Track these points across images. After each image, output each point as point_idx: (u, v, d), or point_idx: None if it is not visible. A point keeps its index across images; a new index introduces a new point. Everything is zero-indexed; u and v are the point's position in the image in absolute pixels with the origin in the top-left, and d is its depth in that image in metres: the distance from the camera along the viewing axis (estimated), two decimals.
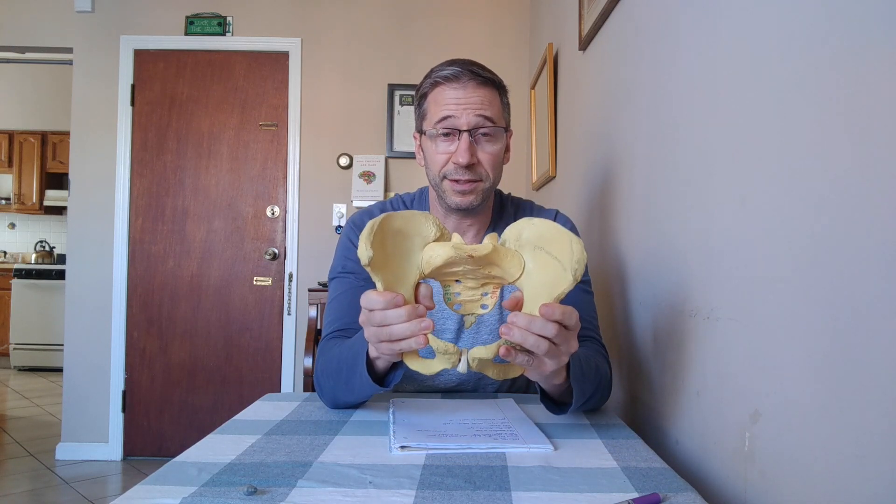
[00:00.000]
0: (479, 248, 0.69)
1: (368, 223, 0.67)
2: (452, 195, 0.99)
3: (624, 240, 1.22)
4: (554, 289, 0.67)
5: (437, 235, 0.72)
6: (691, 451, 0.84)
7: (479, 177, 0.98)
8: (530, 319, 0.66)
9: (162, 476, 0.63)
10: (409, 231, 0.71)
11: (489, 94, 0.97)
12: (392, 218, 0.70)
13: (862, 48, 0.50)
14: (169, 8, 3.04)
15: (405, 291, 0.70)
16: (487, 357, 0.68)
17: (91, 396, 2.99)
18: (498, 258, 0.70)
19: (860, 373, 0.50)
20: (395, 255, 0.70)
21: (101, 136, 3.02)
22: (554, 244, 0.68)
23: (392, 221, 0.70)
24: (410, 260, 0.71)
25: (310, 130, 3.06)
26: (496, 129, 0.97)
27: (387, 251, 0.69)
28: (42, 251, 5.80)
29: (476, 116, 0.95)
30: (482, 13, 3.07)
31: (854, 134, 0.51)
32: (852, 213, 0.51)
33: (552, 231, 0.69)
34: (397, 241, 0.70)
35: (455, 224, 1.05)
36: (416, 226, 0.71)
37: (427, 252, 0.70)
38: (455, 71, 0.96)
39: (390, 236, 0.69)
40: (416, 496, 0.59)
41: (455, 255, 0.68)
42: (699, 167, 0.84)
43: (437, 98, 0.97)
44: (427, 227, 0.71)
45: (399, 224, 0.70)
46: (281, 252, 3.06)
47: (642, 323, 1.08)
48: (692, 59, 0.87)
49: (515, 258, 0.71)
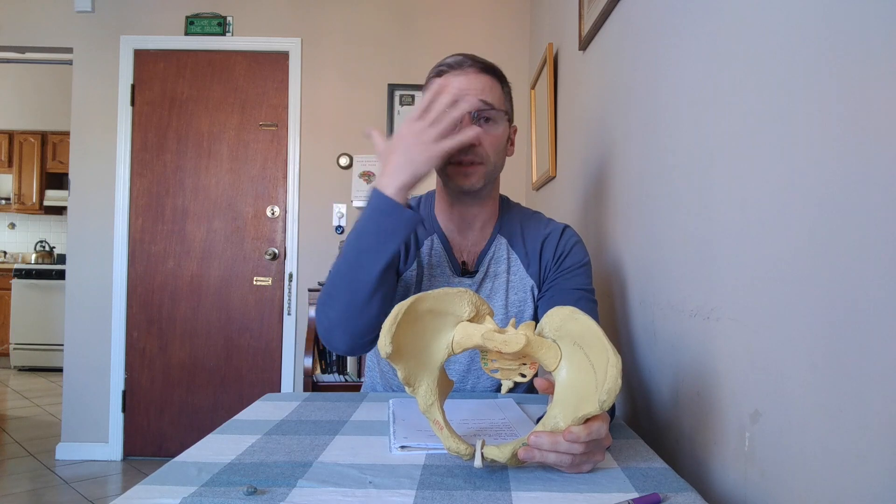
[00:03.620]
0: (510, 341, 0.65)
1: (393, 310, 0.65)
2: (456, 178, 1.01)
3: (624, 239, 1.21)
4: (581, 404, 0.63)
5: (472, 315, 0.69)
6: (691, 451, 0.84)
7: (480, 158, 1.00)
8: (554, 442, 0.62)
9: (162, 476, 0.63)
10: (441, 310, 0.68)
11: (490, 82, 1.01)
12: (422, 300, 0.67)
13: (862, 48, 0.50)
14: (169, 8, 3.04)
15: (429, 373, 0.67)
16: (501, 460, 0.64)
17: (91, 396, 2.99)
18: (532, 350, 0.66)
19: (860, 373, 0.50)
20: (424, 333, 0.68)
21: (101, 136, 3.02)
22: (594, 350, 0.64)
23: (422, 303, 0.67)
24: (440, 338, 0.68)
25: (310, 130, 3.06)
26: (497, 112, 1.01)
27: (415, 331, 0.67)
28: (42, 251, 5.81)
29: (478, 100, 0.99)
30: (482, 13, 3.07)
31: (854, 134, 0.51)
32: (852, 213, 0.51)
33: (595, 337, 0.65)
34: (427, 320, 0.68)
35: (461, 212, 1.06)
36: (449, 304, 0.69)
37: (458, 333, 0.68)
38: (458, 59, 1.01)
39: (419, 317, 0.67)
40: (416, 496, 0.59)
41: (484, 344, 0.66)
42: (699, 167, 0.84)
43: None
44: (461, 307, 0.69)
45: (430, 304, 0.68)
46: (281, 252, 3.06)
47: (642, 323, 1.08)
48: (692, 59, 0.87)
49: (552, 350, 0.67)
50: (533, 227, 1.10)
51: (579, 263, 1.06)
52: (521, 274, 1.07)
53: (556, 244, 1.07)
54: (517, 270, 1.07)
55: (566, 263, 1.06)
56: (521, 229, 1.09)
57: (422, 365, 0.67)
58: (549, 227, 1.10)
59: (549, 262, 1.07)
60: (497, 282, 1.07)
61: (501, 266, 1.07)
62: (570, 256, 1.06)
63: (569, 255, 1.06)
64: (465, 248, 1.08)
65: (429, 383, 0.67)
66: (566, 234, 1.09)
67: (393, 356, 0.64)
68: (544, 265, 1.07)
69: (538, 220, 1.12)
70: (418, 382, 0.67)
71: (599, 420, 0.64)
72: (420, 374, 0.67)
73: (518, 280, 1.07)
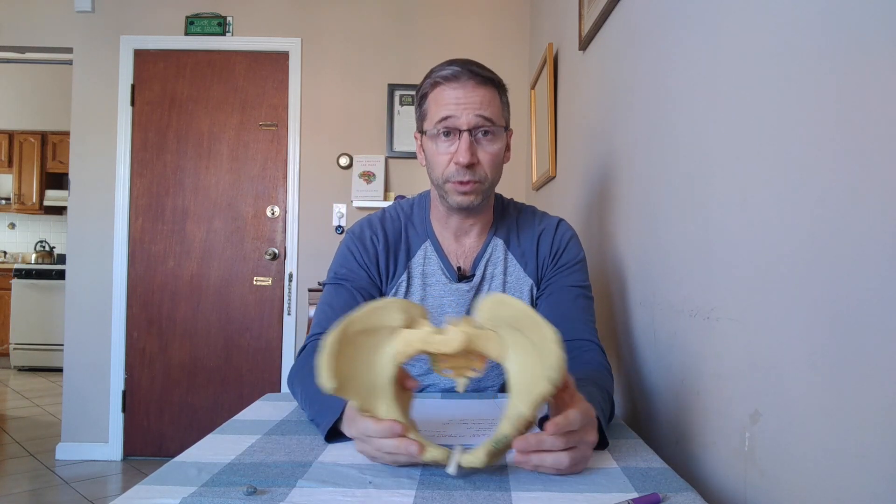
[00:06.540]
0: (449, 341, 0.64)
1: (327, 345, 0.63)
2: (454, 195, 1.00)
3: (624, 239, 1.22)
4: (534, 386, 0.61)
5: (406, 321, 0.67)
6: (691, 451, 0.84)
7: (479, 178, 0.98)
8: (538, 441, 0.62)
9: (162, 476, 0.63)
10: (373, 326, 0.66)
11: (489, 94, 0.98)
12: (351, 323, 0.65)
13: (862, 48, 0.50)
14: (169, 8, 3.04)
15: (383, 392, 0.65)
16: (477, 465, 0.63)
17: (91, 396, 2.99)
18: (474, 344, 0.65)
19: (860, 373, 0.50)
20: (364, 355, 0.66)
21: (101, 136, 3.02)
22: (531, 330, 0.63)
23: (352, 326, 0.65)
24: (381, 355, 0.66)
25: (310, 130, 3.06)
26: (496, 128, 0.98)
27: (355, 357, 0.65)
28: (42, 251, 5.81)
29: (476, 116, 0.96)
30: (482, 13, 3.07)
31: (854, 134, 0.51)
32: (852, 213, 0.51)
33: (527, 316, 0.64)
34: (362, 341, 0.66)
35: (457, 224, 1.06)
36: (379, 318, 0.66)
37: (399, 343, 0.66)
38: (455, 70, 0.97)
39: (354, 342, 0.65)
40: (415, 496, 0.59)
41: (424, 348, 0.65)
42: (699, 167, 0.84)
43: (438, 98, 0.98)
44: (392, 317, 0.67)
45: (360, 325, 0.66)
46: (281, 252, 3.06)
47: (642, 323, 1.08)
48: (692, 58, 0.87)
49: (493, 340, 0.66)
50: (527, 224, 1.10)
51: (575, 260, 1.07)
52: (518, 275, 1.07)
53: (551, 240, 1.07)
54: (514, 271, 1.07)
55: (563, 260, 1.06)
56: (517, 229, 1.09)
57: (372, 387, 0.66)
58: (544, 222, 1.10)
59: (546, 258, 1.07)
60: (493, 283, 1.07)
61: (498, 268, 1.07)
62: (567, 253, 1.07)
63: (565, 252, 1.06)
64: (461, 254, 1.08)
65: (387, 403, 0.66)
66: (561, 229, 1.09)
67: (339, 390, 0.63)
68: (542, 262, 1.07)
69: (532, 217, 1.11)
70: (375, 407, 0.65)
71: (573, 406, 0.64)
72: (374, 397, 0.66)
73: (515, 281, 1.07)
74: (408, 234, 1.08)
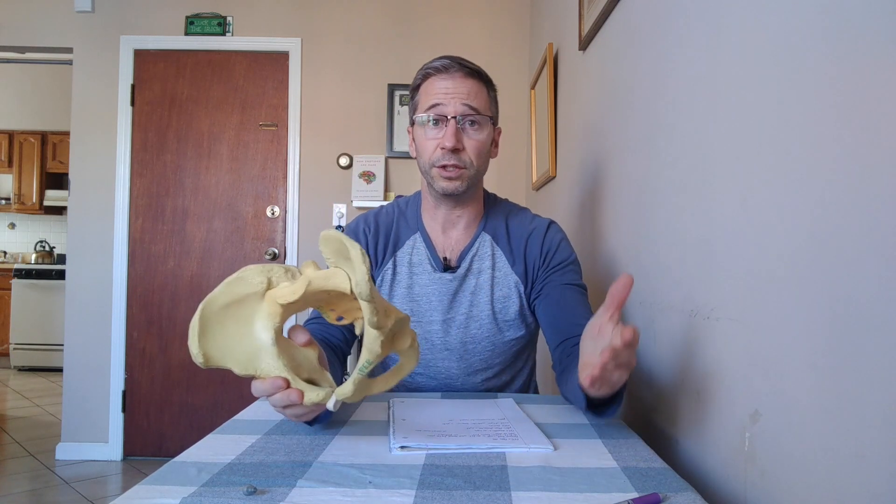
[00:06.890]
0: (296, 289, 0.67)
1: (192, 322, 0.65)
2: (440, 180, 1.03)
3: (623, 239, 1.22)
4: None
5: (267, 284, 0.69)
6: (691, 451, 0.84)
7: (464, 164, 1.02)
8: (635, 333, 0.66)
9: (162, 476, 0.63)
10: (237, 297, 0.68)
11: (476, 86, 1.03)
12: (214, 300, 0.67)
13: (862, 47, 0.50)
14: (169, 8, 3.04)
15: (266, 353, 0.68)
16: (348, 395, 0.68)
17: (91, 396, 2.99)
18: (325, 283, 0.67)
19: (860, 373, 0.50)
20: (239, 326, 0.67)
21: (101, 136, 3.02)
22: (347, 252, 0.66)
23: (216, 303, 0.66)
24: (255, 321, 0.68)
25: (310, 130, 3.06)
26: (482, 117, 1.03)
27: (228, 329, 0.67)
28: (42, 251, 5.81)
29: (463, 105, 1.01)
30: (482, 13, 3.07)
31: (854, 133, 0.51)
32: (852, 213, 0.51)
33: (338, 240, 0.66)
34: (232, 312, 0.67)
35: (444, 215, 1.09)
36: (241, 287, 0.68)
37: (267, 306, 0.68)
38: (444, 62, 1.03)
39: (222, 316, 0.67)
40: (416, 496, 0.59)
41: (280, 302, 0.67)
42: (699, 167, 0.84)
43: (428, 88, 1.03)
44: (253, 284, 0.68)
45: (224, 299, 0.67)
46: (281, 252, 3.06)
47: (642, 323, 1.08)
48: (692, 58, 0.87)
49: (339, 275, 0.68)
50: (518, 224, 1.12)
51: (568, 260, 1.09)
52: (505, 270, 1.09)
53: (541, 241, 1.09)
54: (502, 267, 1.09)
55: (555, 260, 1.08)
56: (507, 226, 1.11)
57: (254, 353, 0.68)
58: (534, 223, 1.11)
59: (536, 258, 1.08)
60: (482, 278, 1.08)
61: (486, 263, 1.09)
62: (559, 254, 1.08)
63: (556, 252, 1.08)
64: (449, 246, 1.10)
65: (267, 362, 0.68)
66: (551, 231, 1.10)
67: (213, 361, 0.66)
68: (531, 262, 1.09)
69: (523, 217, 1.13)
70: (258, 367, 0.68)
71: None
72: (256, 360, 0.68)
73: (502, 276, 1.09)
74: (398, 226, 1.12)
